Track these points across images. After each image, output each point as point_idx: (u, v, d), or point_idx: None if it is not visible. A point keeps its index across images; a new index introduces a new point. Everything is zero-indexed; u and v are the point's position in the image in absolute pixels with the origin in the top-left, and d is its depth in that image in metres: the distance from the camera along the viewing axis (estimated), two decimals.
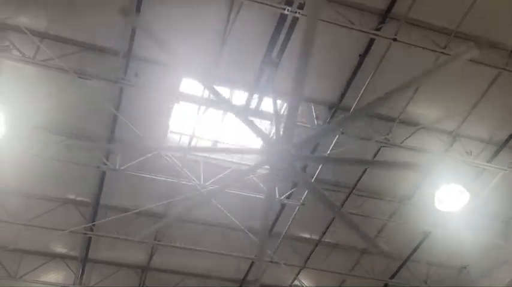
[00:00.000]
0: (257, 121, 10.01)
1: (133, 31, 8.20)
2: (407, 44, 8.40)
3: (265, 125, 10.27)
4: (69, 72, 8.27)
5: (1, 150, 9.21)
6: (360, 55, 8.92)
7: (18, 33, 8.22)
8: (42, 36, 8.34)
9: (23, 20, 8.13)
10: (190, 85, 9.48)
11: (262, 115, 9.31)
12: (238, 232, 11.21)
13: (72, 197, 11.05)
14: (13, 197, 10.63)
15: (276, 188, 10.39)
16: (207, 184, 10.31)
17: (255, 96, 9.08)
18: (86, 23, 8.28)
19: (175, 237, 11.46)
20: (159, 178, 10.27)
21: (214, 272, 12.77)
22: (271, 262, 11.71)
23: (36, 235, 11.15)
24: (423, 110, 10.08)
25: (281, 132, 5.56)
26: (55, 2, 8.02)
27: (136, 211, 10.65)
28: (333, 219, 11.46)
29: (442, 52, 8.61)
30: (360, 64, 9.04)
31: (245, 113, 9.17)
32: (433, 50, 8.56)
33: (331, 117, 9.56)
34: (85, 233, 11.16)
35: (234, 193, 10.17)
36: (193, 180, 10.20)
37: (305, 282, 13.09)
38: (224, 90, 9.60)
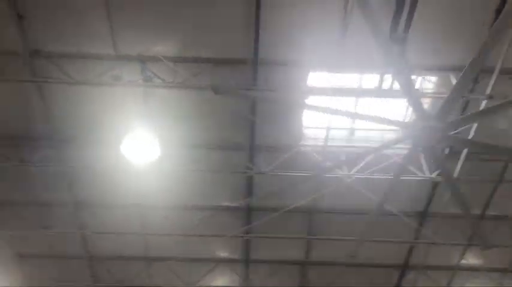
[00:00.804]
0: (391, 101, 9.74)
1: (257, 38, 8.44)
2: None
3: (400, 104, 9.95)
4: (206, 88, 8.79)
5: (158, 169, 10.06)
6: (496, 10, 8.18)
7: (155, 62, 8.92)
8: (177, 60, 8.93)
9: (158, 49, 8.80)
10: (317, 78, 9.51)
11: (396, 95, 8.98)
12: (391, 216, 10.91)
13: (225, 204, 11.67)
14: (173, 210, 11.54)
15: (424, 166, 10.00)
16: (351, 173, 10.22)
17: (387, 76, 8.81)
18: (213, 41, 8.71)
19: (328, 230, 11.56)
20: (303, 174, 10.41)
21: (373, 260, 12.60)
22: (433, 243, 11.24)
23: (199, 243, 12.02)
24: None
25: (422, 109, 5.32)
26: (183, 27, 8.56)
27: (287, 209, 10.90)
28: (495, 189, 10.63)
29: None
30: (496, 21, 8.28)
31: (378, 95, 9.05)
32: None
33: (474, 83, 8.88)
34: (243, 237, 11.77)
35: (381, 179, 9.93)
36: (337, 171, 10.17)
37: (472, 260, 12.33)
38: (353, 77, 9.48)
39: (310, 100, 9.89)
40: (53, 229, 11.49)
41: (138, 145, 9.14)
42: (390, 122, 5.56)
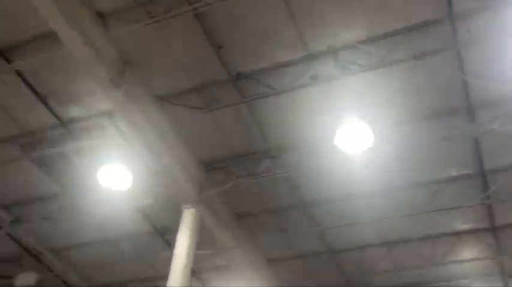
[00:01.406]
0: None
1: None
2: None
3: None
4: (406, 60, 8.40)
5: (376, 154, 9.86)
6: None
7: (346, 50, 8.83)
8: (367, 41, 8.70)
9: (346, 36, 8.69)
10: None
11: None
12: None
13: (456, 173, 10.88)
14: (402, 191, 11.17)
15: None
16: None
17: None
18: (400, 9, 8.29)
19: None
20: None
21: None
22: None
23: (438, 219, 11.50)
24: None
25: None
26: (365, 6, 8.31)
27: None
28: None
29: None
30: None
31: None
32: None
33: None
34: (483, 204, 10.87)
35: None
36: None
37: None
38: None
39: None
40: (292, 231, 12.19)
41: (352, 135, 9.13)
42: None
